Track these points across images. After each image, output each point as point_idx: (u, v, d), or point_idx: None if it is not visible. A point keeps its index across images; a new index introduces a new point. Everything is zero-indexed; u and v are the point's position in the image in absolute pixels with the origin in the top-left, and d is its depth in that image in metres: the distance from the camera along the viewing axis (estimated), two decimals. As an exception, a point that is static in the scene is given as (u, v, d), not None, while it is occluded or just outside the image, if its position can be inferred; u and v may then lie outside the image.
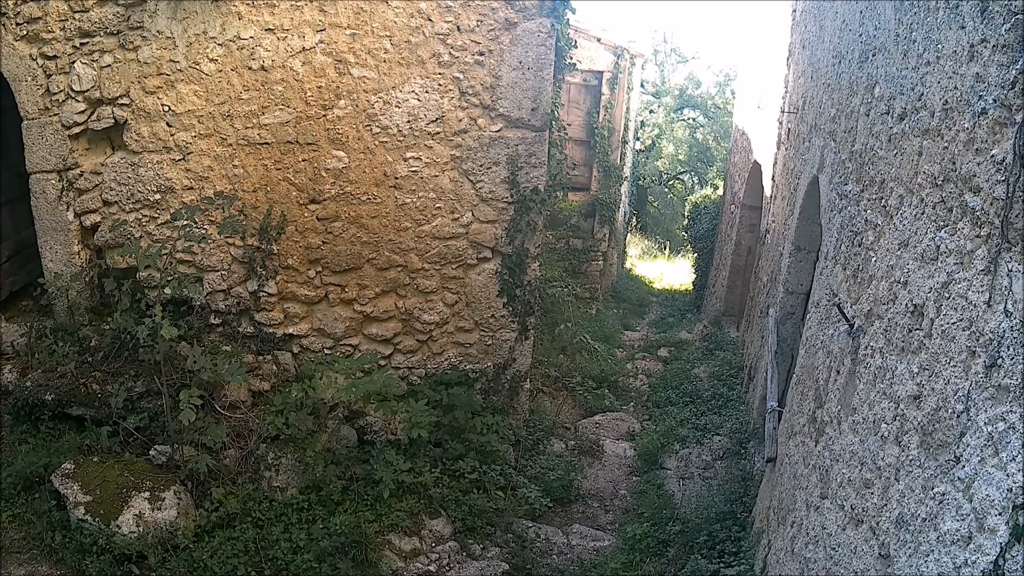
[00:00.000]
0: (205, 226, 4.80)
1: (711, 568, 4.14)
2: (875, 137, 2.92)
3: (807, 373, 3.65)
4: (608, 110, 10.90)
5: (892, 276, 2.40)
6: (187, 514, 4.03)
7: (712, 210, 11.74)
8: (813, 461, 3.08)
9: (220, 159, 4.85)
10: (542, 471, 5.45)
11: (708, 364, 8.08)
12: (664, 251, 18.86)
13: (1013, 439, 1.46)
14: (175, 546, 3.84)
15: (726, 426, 6.30)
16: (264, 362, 5.10)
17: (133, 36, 4.57)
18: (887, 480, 2.12)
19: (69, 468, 4.08)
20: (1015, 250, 1.56)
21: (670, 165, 20.98)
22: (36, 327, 4.89)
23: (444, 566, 4.34)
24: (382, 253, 5.11)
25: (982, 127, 1.78)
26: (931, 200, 2.11)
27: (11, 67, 4.56)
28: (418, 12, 4.66)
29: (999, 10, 1.74)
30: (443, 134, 4.91)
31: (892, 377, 2.23)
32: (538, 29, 4.77)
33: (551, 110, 5.06)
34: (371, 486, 4.53)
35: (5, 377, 4.66)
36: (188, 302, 4.85)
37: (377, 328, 5.29)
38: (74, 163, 4.80)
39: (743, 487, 5.01)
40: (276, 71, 4.70)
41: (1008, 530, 1.41)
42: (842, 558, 2.43)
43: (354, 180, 4.94)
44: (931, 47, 2.25)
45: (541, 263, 5.74)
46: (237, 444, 4.61)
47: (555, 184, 6.21)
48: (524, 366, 5.54)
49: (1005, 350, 1.54)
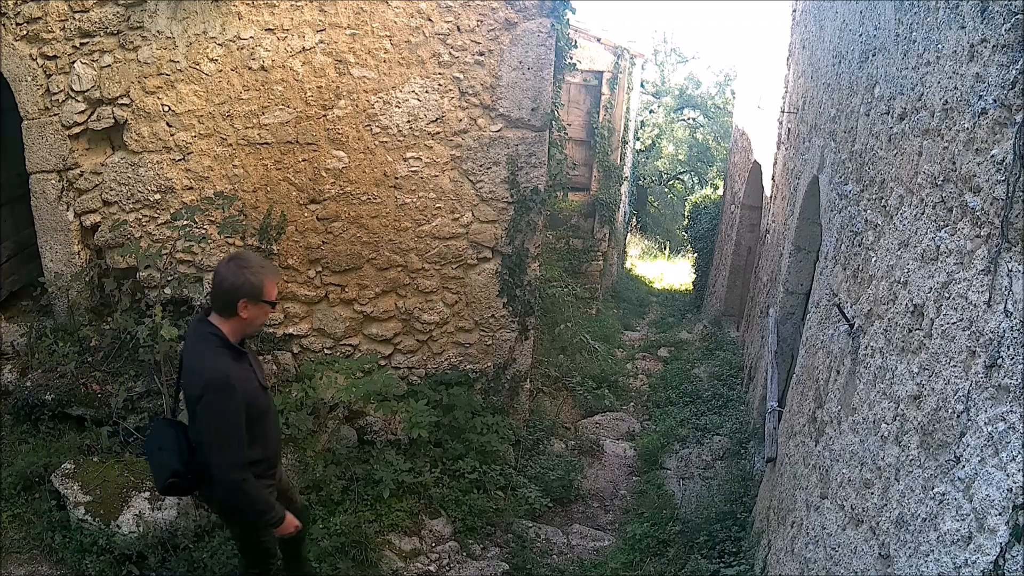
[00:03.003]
0: (205, 226, 4.80)
1: (711, 568, 4.14)
2: (875, 137, 2.92)
3: (807, 373, 3.65)
4: (608, 110, 10.90)
5: (892, 276, 2.40)
6: (187, 514, 4.02)
7: (712, 210, 11.74)
8: (813, 461, 3.08)
9: (220, 159, 4.85)
10: (542, 471, 5.45)
11: (708, 364, 8.08)
12: (664, 251, 18.87)
13: (1013, 439, 1.46)
14: (175, 546, 3.84)
15: (726, 426, 6.30)
16: (264, 362, 5.10)
17: (133, 36, 4.57)
18: (887, 480, 2.12)
19: (69, 468, 4.08)
20: (1015, 250, 1.56)
21: (670, 165, 20.99)
22: (36, 327, 4.89)
23: (444, 566, 4.34)
24: (382, 253, 5.11)
25: (982, 127, 1.78)
26: (931, 200, 2.11)
27: (11, 67, 4.56)
28: (418, 12, 4.66)
29: (999, 10, 1.74)
30: (443, 134, 4.91)
31: (892, 377, 2.23)
32: (538, 29, 4.77)
33: (551, 110, 5.06)
34: (371, 486, 4.53)
35: (5, 377, 4.66)
36: (188, 302, 4.84)
37: (377, 328, 5.29)
38: (74, 163, 4.80)
39: (743, 487, 5.01)
40: (276, 71, 4.70)
41: (1008, 530, 1.41)
42: (842, 558, 2.43)
43: (354, 180, 4.94)
44: (931, 47, 2.25)
45: (541, 263, 5.74)
46: (237, 444, 4.60)
47: (555, 184, 6.22)
48: (524, 366, 5.54)
49: (1005, 350, 1.54)
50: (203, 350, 2.71)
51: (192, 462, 2.78)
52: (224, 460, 2.67)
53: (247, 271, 2.70)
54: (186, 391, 2.77)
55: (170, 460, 2.78)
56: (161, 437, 2.85)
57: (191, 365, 2.73)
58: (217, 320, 2.75)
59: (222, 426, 2.65)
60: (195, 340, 2.76)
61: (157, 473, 2.83)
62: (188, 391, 2.73)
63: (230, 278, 2.68)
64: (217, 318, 2.75)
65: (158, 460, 2.81)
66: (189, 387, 2.72)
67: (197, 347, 2.74)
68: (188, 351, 2.79)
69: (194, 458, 2.78)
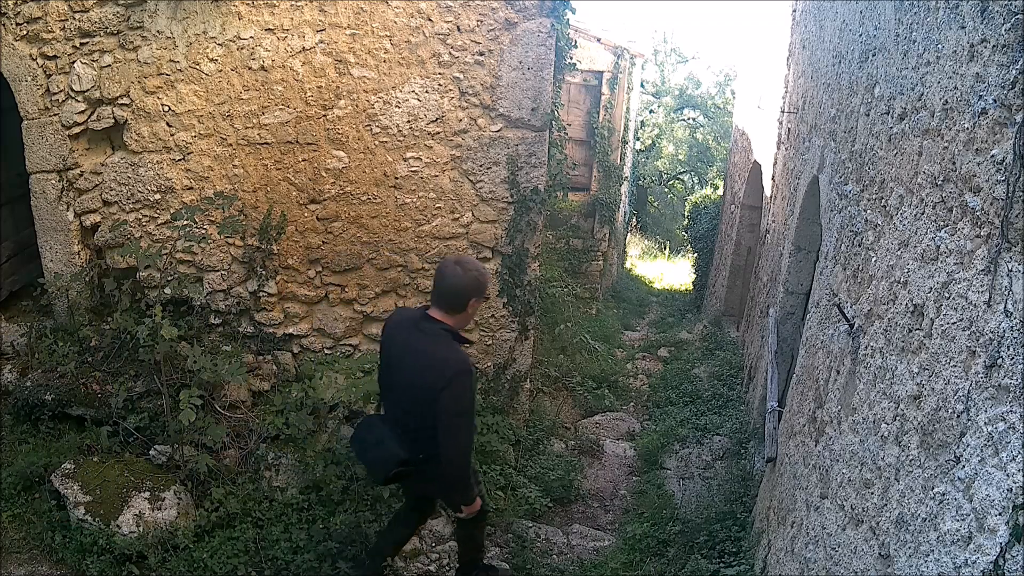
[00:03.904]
0: (205, 226, 4.80)
1: (711, 568, 4.14)
2: (875, 137, 2.92)
3: (807, 373, 3.65)
4: (608, 110, 10.91)
5: (892, 276, 2.40)
6: (187, 514, 4.03)
7: (712, 210, 11.74)
8: (813, 461, 3.08)
9: (220, 159, 4.85)
10: (542, 471, 5.45)
11: (708, 364, 8.09)
12: (664, 251, 18.87)
13: (1013, 439, 1.46)
14: (175, 546, 3.84)
15: (726, 426, 6.30)
16: (264, 362, 5.10)
17: (133, 36, 4.57)
18: (887, 480, 2.12)
19: (69, 468, 4.08)
20: (1015, 250, 1.56)
21: (670, 165, 21.00)
22: (36, 327, 4.89)
23: (444, 566, 4.34)
24: (382, 253, 5.11)
25: (982, 127, 1.78)
26: (931, 200, 2.11)
27: (11, 67, 4.56)
28: (418, 12, 4.66)
29: (999, 10, 1.74)
30: (443, 134, 4.91)
31: (892, 377, 2.23)
32: (538, 29, 4.77)
33: (551, 110, 5.06)
34: (371, 486, 4.53)
35: (5, 377, 4.66)
36: (188, 302, 4.84)
37: (377, 328, 5.28)
38: (74, 163, 4.80)
39: (743, 487, 5.01)
40: (276, 71, 4.70)
41: (1008, 530, 1.41)
42: (842, 558, 2.43)
43: (354, 180, 4.94)
44: (931, 47, 2.25)
45: (541, 263, 5.74)
46: (237, 444, 4.61)
47: (555, 184, 6.22)
48: (524, 366, 5.54)
49: (1005, 350, 1.54)
50: (437, 343, 3.00)
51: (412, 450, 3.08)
52: (461, 442, 3.00)
53: (475, 272, 3.04)
54: (417, 382, 3.00)
55: (396, 450, 3.07)
56: (377, 431, 3.17)
57: (425, 361, 2.99)
58: (442, 316, 3.05)
59: (463, 411, 2.97)
60: (421, 336, 3.04)
61: (379, 465, 3.13)
62: (422, 382, 2.96)
63: (461, 279, 3.00)
64: (441, 314, 3.05)
65: (380, 453, 3.12)
66: (423, 379, 2.96)
67: (428, 341, 3.02)
68: (414, 347, 3.05)
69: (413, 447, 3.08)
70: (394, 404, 3.24)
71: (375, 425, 3.24)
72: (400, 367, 3.10)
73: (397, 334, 3.16)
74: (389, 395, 3.29)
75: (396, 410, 3.23)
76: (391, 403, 3.28)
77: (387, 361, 3.20)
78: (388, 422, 3.21)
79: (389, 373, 3.20)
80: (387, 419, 3.25)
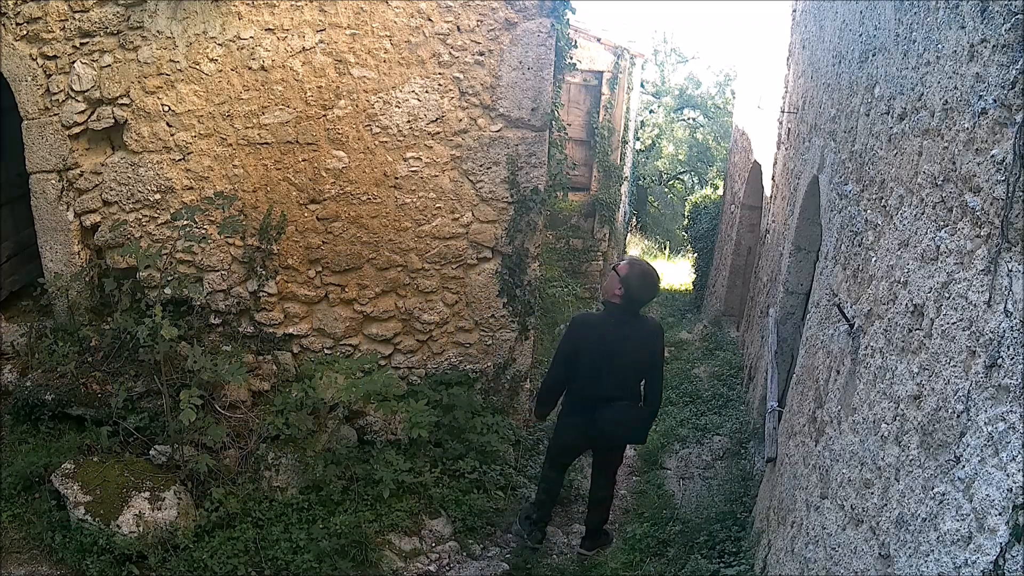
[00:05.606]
0: (205, 226, 4.80)
1: (711, 568, 4.14)
2: (875, 137, 2.92)
3: (807, 373, 3.65)
4: (608, 110, 10.90)
5: (892, 276, 2.40)
6: (187, 514, 4.03)
7: (712, 210, 11.73)
8: (813, 461, 3.08)
9: (220, 159, 4.85)
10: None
11: (708, 364, 8.09)
12: (664, 251, 18.87)
13: (1013, 439, 1.46)
14: (175, 546, 3.84)
15: (726, 426, 6.30)
16: (264, 362, 5.10)
17: (133, 36, 4.57)
18: (887, 480, 2.12)
19: (69, 468, 4.07)
20: (1015, 250, 1.56)
21: (670, 165, 21.00)
22: (36, 327, 4.89)
23: (444, 566, 4.34)
24: (382, 253, 5.11)
25: (982, 127, 1.78)
26: (931, 200, 2.11)
27: (11, 67, 4.56)
28: (418, 12, 4.66)
29: (999, 10, 1.74)
30: (443, 134, 4.91)
31: (892, 377, 2.23)
32: (538, 29, 4.78)
33: (551, 110, 5.06)
34: (371, 486, 4.53)
35: (5, 377, 4.66)
36: (188, 302, 4.85)
37: (377, 328, 5.29)
38: (74, 163, 4.80)
39: (743, 487, 5.01)
40: (276, 71, 4.70)
41: (1008, 530, 1.41)
42: (842, 558, 2.43)
43: (354, 180, 4.94)
44: (931, 47, 2.25)
45: (541, 263, 5.74)
46: (237, 444, 4.61)
47: (555, 184, 6.21)
48: (524, 366, 5.55)
49: (1005, 350, 1.54)
50: (643, 326, 4.06)
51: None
52: (662, 387, 4.21)
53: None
54: (642, 359, 4.02)
55: (646, 418, 4.17)
56: (626, 412, 4.06)
57: (645, 338, 4.00)
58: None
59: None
60: (638, 330, 4.00)
61: (635, 433, 4.23)
62: (644, 359, 4.01)
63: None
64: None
65: (634, 429, 4.17)
66: (645, 355, 4.01)
67: (644, 329, 4.04)
68: (632, 338, 3.96)
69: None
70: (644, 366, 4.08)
71: (626, 407, 4.04)
72: (619, 351, 3.95)
73: (622, 329, 3.98)
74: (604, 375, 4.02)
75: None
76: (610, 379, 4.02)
77: (601, 347, 3.97)
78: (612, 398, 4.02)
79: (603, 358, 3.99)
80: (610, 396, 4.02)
